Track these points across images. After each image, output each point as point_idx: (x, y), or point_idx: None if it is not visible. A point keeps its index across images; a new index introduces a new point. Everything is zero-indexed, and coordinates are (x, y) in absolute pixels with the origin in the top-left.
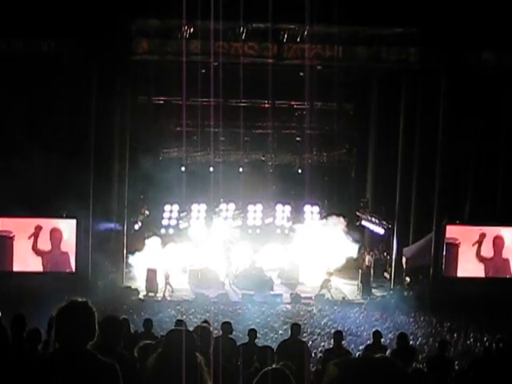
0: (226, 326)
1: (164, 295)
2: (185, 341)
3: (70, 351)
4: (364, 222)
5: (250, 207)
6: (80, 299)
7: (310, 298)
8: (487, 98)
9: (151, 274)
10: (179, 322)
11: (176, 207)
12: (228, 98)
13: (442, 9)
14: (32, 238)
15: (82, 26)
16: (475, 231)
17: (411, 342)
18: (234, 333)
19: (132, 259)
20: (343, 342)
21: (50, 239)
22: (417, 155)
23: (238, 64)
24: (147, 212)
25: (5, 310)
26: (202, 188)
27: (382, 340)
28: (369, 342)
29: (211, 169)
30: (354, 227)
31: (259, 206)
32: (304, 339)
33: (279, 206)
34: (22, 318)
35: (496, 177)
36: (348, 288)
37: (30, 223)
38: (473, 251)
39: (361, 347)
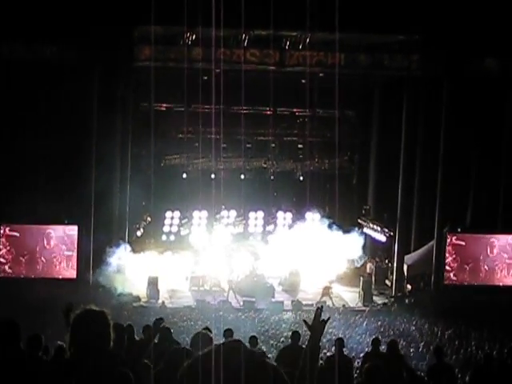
0: (228, 334)
1: (163, 302)
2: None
3: (86, 359)
4: (365, 230)
5: (252, 214)
6: (95, 308)
7: (312, 305)
8: (490, 105)
9: (152, 281)
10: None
11: (177, 214)
12: (230, 104)
13: (444, 16)
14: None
15: (85, 33)
16: None
17: (411, 350)
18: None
19: (133, 266)
20: (344, 350)
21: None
22: (419, 162)
23: (239, 71)
24: (149, 219)
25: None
26: (203, 195)
27: (382, 348)
28: (367, 349)
29: (213, 176)
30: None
31: (260, 213)
32: (305, 346)
33: (280, 213)
34: (39, 339)
35: (498, 184)
36: (349, 295)
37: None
38: None
39: (361, 354)
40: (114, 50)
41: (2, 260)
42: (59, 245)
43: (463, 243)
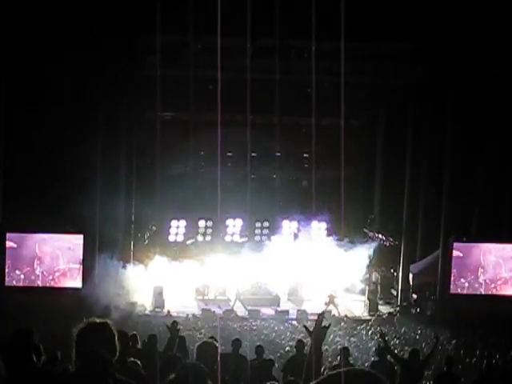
0: (236, 343)
1: (169, 311)
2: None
3: (91, 371)
4: (371, 239)
5: (257, 224)
6: (99, 320)
7: (317, 314)
8: (495, 113)
9: (158, 290)
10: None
11: (183, 223)
12: (235, 113)
13: (449, 25)
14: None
15: (91, 41)
16: None
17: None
18: (240, 349)
19: (138, 275)
20: (350, 359)
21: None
22: (424, 171)
23: (245, 80)
24: (154, 227)
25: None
26: (208, 204)
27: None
28: (373, 358)
29: (218, 184)
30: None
31: (266, 223)
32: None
33: (286, 222)
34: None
35: (503, 194)
36: (355, 304)
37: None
38: None
39: (367, 364)
40: (120, 58)
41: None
42: (63, 254)
43: (461, 254)
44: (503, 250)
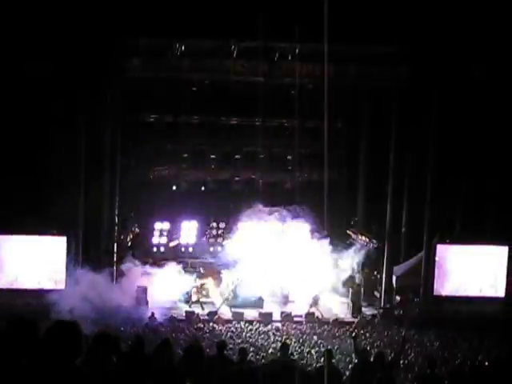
0: (221, 345)
1: (152, 314)
2: None
3: (55, 367)
4: (354, 241)
5: (241, 225)
6: (67, 320)
7: (301, 316)
8: (478, 114)
9: (141, 292)
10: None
11: (166, 225)
12: (218, 115)
13: (432, 27)
14: None
15: (73, 45)
16: None
17: (400, 361)
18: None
19: (122, 277)
20: (333, 361)
21: None
22: (408, 173)
23: (228, 82)
24: (137, 230)
25: None
26: (192, 206)
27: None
28: (355, 360)
29: (202, 187)
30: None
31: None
32: (294, 358)
33: (269, 224)
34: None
35: (487, 196)
36: (338, 306)
37: None
38: None
39: (350, 366)
40: (103, 61)
41: None
42: (46, 255)
43: (443, 256)
44: (485, 251)
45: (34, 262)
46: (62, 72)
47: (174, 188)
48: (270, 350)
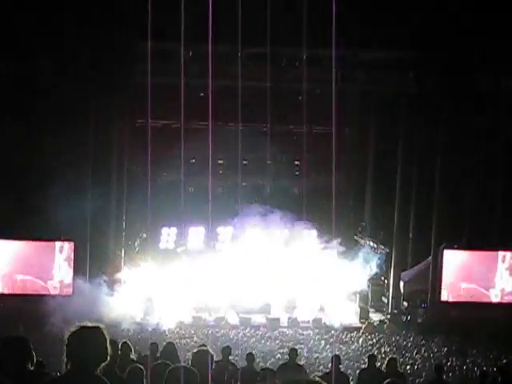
0: (226, 350)
1: (159, 319)
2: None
3: (80, 374)
4: (362, 246)
5: (248, 231)
6: (91, 324)
7: (308, 321)
8: (486, 121)
9: (148, 299)
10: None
11: (174, 230)
12: (226, 121)
13: (441, 34)
14: None
15: (81, 49)
16: None
17: (408, 367)
18: (231, 357)
19: (129, 282)
20: (341, 366)
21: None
22: (415, 179)
23: (236, 87)
24: (145, 235)
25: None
26: (199, 211)
27: (378, 364)
28: (364, 366)
29: (209, 192)
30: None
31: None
32: (301, 363)
33: (276, 230)
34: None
35: (495, 201)
36: (346, 312)
37: None
38: None
39: (358, 371)
40: (111, 66)
41: None
42: (54, 261)
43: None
44: (493, 258)
45: (40, 267)
46: (67, 77)
47: (182, 193)
48: (277, 356)
